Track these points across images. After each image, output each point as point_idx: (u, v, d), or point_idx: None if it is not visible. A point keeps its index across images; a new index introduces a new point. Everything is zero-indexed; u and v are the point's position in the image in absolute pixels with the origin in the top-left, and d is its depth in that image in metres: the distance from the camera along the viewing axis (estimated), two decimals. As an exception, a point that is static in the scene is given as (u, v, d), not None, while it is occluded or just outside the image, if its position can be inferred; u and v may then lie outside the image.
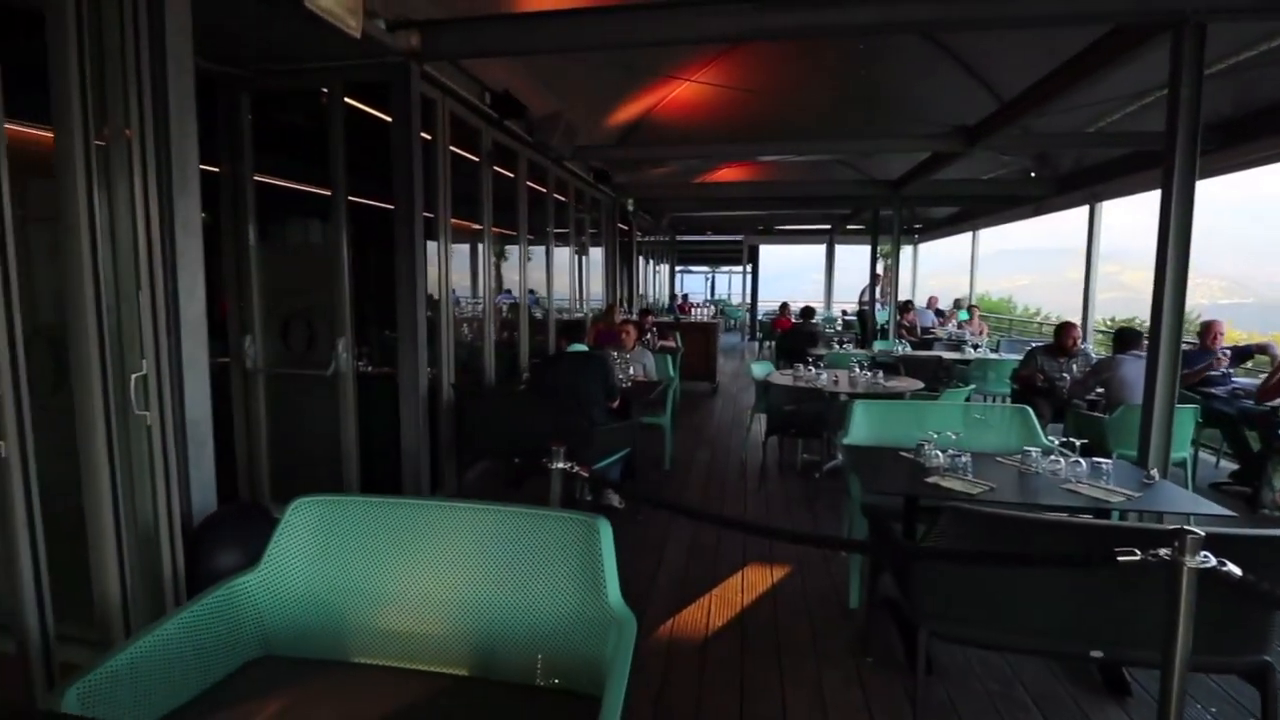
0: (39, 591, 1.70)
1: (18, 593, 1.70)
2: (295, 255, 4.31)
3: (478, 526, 1.82)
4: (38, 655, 1.72)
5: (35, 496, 1.67)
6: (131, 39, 1.91)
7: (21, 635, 1.72)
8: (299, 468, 3.96)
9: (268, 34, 3.33)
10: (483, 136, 4.81)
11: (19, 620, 1.70)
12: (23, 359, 1.64)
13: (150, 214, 1.94)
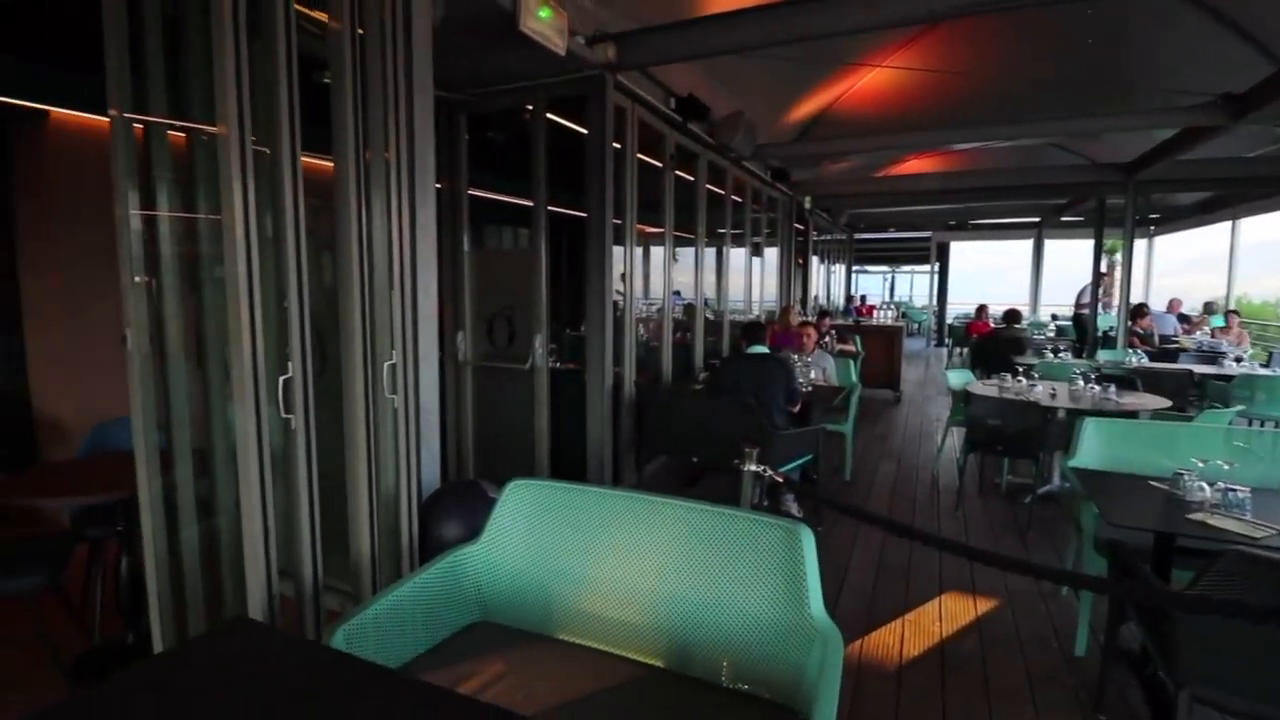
0: (313, 544, 2.02)
1: (297, 544, 2.03)
2: (499, 259, 4.72)
3: (677, 522, 1.85)
4: (310, 599, 2.04)
5: (314, 462, 1.98)
6: (391, 76, 2.21)
7: (299, 581, 2.05)
8: (498, 452, 4.34)
9: (483, 60, 3.68)
10: (666, 141, 4.92)
11: (298, 568, 2.03)
12: (310, 347, 1.95)
13: (400, 223, 2.22)
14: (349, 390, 2.14)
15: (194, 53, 2.31)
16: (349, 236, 2.11)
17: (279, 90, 1.91)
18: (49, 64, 3.85)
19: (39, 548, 2.53)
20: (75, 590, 2.94)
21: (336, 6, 2.11)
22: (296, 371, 1.94)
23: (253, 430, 1.84)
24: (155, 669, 1.40)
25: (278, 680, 1.27)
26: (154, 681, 1.28)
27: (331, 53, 2.13)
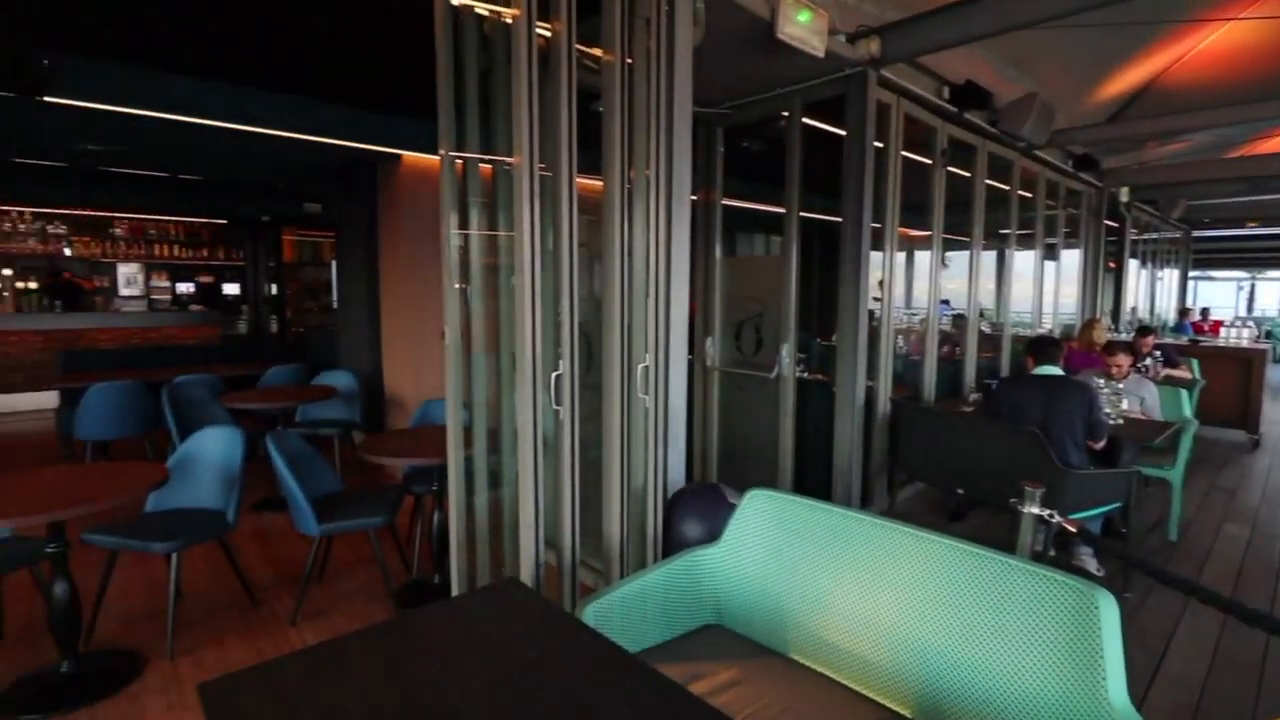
0: (573, 522, 2.25)
1: (560, 520, 2.27)
2: (749, 266, 4.75)
3: (936, 560, 1.66)
4: (568, 570, 2.28)
5: (577, 450, 2.21)
6: (655, 98, 2.37)
7: (559, 552, 2.30)
8: (739, 458, 4.37)
9: (738, 72, 3.75)
10: (937, 135, 4.48)
11: (559, 541, 2.27)
12: (578, 348, 2.19)
13: (657, 236, 2.37)
14: (607, 388, 2.34)
15: (498, 97, 2.76)
16: (612, 249, 2.31)
17: (560, 122, 2.17)
18: (405, 116, 4.91)
19: (383, 495, 3.24)
20: (402, 532, 3.70)
21: (609, 40, 2.33)
22: (566, 369, 2.18)
23: (530, 417, 2.12)
24: (447, 608, 1.69)
25: (533, 641, 1.44)
26: (445, 618, 1.54)
27: (605, 83, 2.36)
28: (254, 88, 4.22)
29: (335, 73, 4.03)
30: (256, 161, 5.96)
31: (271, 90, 4.28)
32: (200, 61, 3.85)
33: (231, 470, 3.03)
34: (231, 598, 3.18)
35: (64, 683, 2.47)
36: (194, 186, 8.12)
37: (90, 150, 5.43)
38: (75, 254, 9.59)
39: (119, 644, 2.78)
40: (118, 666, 2.61)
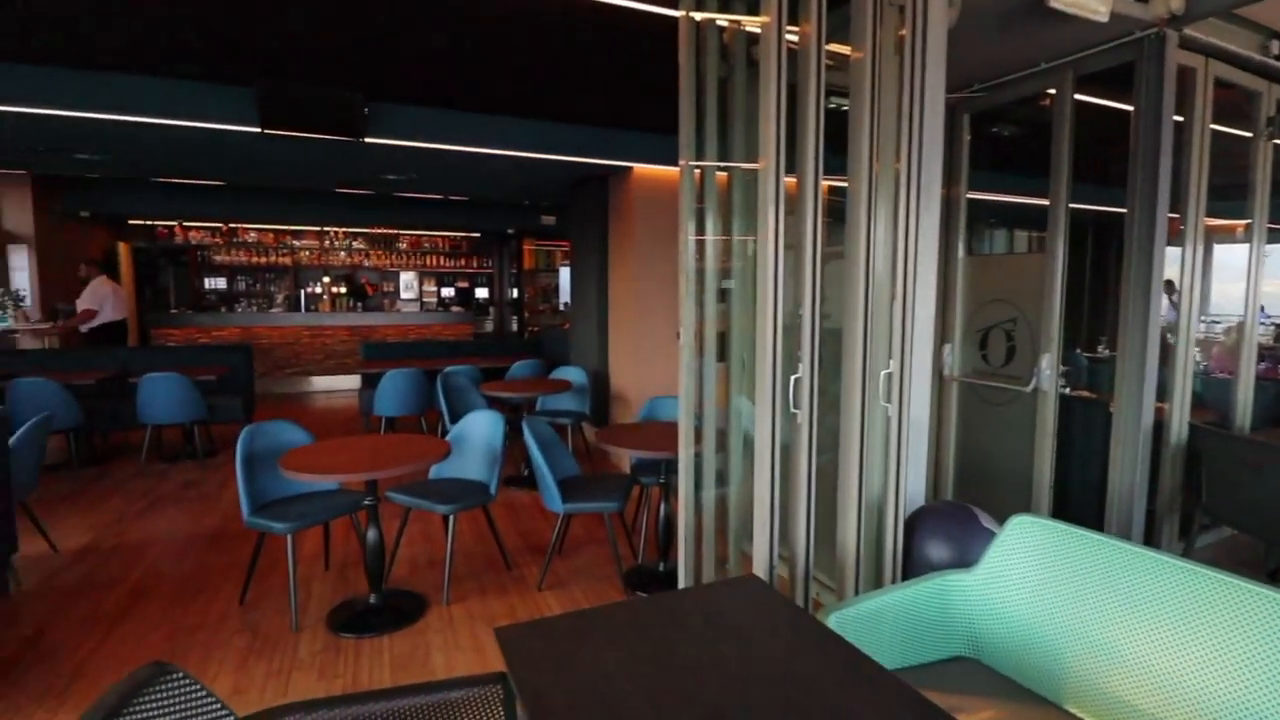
0: (807, 531, 2.22)
1: (794, 528, 2.25)
2: (999, 266, 4.27)
3: (1245, 612, 1.35)
4: (801, 580, 2.25)
5: (814, 456, 2.18)
6: (906, 89, 2.24)
7: (793, 561, 2.28)
8: (980, 477, 3.95)
9: (992, 51, 3.38)
10: (1260, 100, 3.62)
11: (793, 549, 2.25)
12: (818, 351, 2.16)
13: (904, 234, 2.24)
14: (846, 395, 2.27)
15: (736, 105, 2.81)
16: (857, 250, 2.23)
17: (808, 123, 2.16)
18: (636, 131, 5.22)
19: (616, 482, 3.49)
20: (629, 519, 3.95)
21: (860, 33, 2.25)
22: (805, 373, 2.16)
23: (768, 420, 2.13)
24: (696, 595, 1.77)
25: (776, 637, 1.45)
26: (696, 604, 1.62)
27: (853, 78, 2.28)
28: (514, 116, 4.81)
29: (578, 96, 4.43)
30: (509, 181, 6.78)
31: (528, 117, 4.85)
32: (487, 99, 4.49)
33: (494, 448, 3.49)
34: (489, 559, 3.66)
35: (371, 611, 3.05)
36: (457, 205, 9.49)
37: (390, 179, 6.62)
38: (371, 265, 11.75)
39: (407, 586, 3.34)
40: (408, 605, 3.14)
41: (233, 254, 10.87)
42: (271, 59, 3.76)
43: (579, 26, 3.26)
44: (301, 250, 11.26)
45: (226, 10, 3.09)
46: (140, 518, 4.37)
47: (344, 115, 4.30)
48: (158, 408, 5.42)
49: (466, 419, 3.67)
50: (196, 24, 3.25)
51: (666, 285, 5.49)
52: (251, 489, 3.09)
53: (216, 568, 3.58)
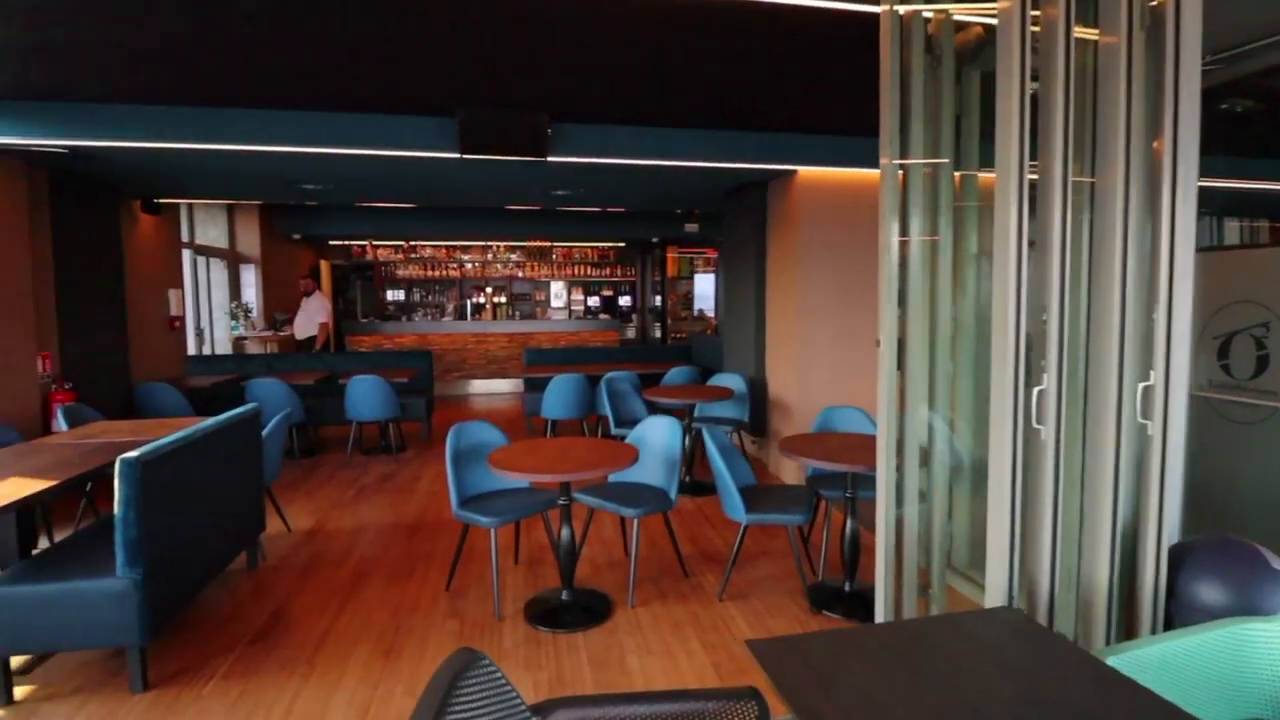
0: (1052, 560, 2.01)
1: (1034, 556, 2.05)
2: (1243, 262, 3.68)
3: None
4: (1043, 613, 2.04)
5: (1060, 477, 1.97)
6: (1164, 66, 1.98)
7: (1033, 594, 2.07)
8: (1220, 508, 3.40)
9: (1237, 16, 2.91)
10: None
11: (1033, 579, 2.06)
12: (1065, 362, 1.96)
13: (1162, 228, 1.97)
14: (1097, 410, 2.04)
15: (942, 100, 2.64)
16: (1112, 247, 2.00)
17: (1054, 112, 1.97)
18: (799, 133, 5.10)
19: (799, 494, 3.40)
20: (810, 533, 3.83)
21: (1111, 14, 2.02)
22: (1051, 384, 1.97)
23: (1008, 437, 1.96)
24: (948, 623, 1.66)
25: (1059, 678, 1.31)
26: (952, 633, 1.51)
27: (1103, 62, 2.06)
28: (685, 127, 4.89)
29: (750, 103, 4.40)
30: (667, 190, 6.90)
31: (697, 127, 4.90)
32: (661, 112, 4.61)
33: (673, 455, 3.53)
34: (664, 565, 3.71)
35: (564, 608, 3.19)
36: (609, 216, 9.83)
37: (558, 195, 6.98)
38: (526, 276, 12.47)
39: (592, 585, 3.47)
40: (596, 604, 3.26)
41: (411, 269, 12.02)
42: (469, 89, 4.10)
43: (757, 29, 3.23)
44: (468, 263, 12.21)
45: (430, 50, 3.41)
46: (351, 504, 4.91)
47: (531, 136, 4.58)
48: (362, 406, 6.09)
49: (644, 425, 3.75)
50: (407, 63, 3.61)
51: (832, 291, 5.30)
52: (459, 483, 3.35)
53: (420, 554, 3.93)
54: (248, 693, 2.57)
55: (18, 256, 4.64)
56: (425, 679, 2.63)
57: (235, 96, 4.16)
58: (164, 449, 2.72)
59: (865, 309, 5.36)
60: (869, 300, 5.43)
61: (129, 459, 2.52)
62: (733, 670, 2.69)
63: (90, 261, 5.44)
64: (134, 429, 3.88)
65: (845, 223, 5.29)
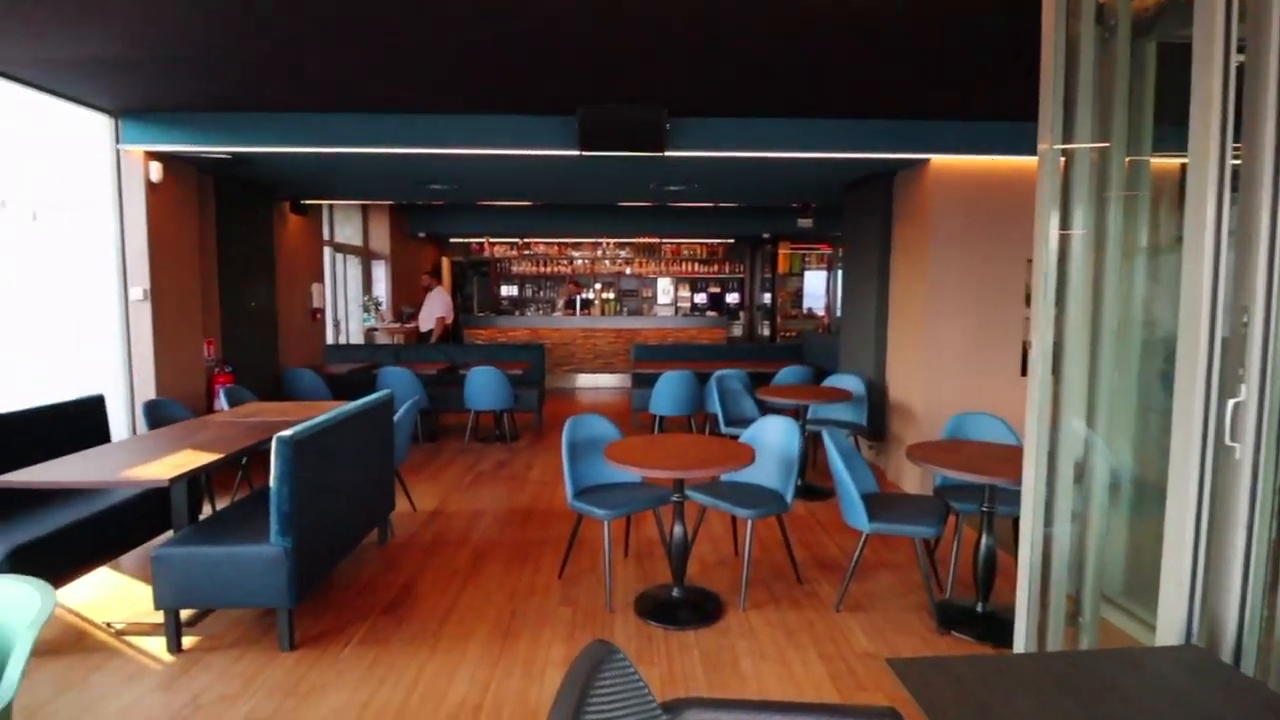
0: (1242, 596, 1.74)
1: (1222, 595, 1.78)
2: None
3: None
4: (1229, 654, 1.77)
5: (1259, 501, 1.70)
6: None
7: (1214, 632, 1.80)
8: None
9: None
10: None
11: (1217, 621, 1.79)
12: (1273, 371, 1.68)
13: None
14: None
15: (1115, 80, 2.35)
16: None
17: (1264, 89, 1.69)
18: (933, 119, 4.77)
19: (926, 505, 3.19)
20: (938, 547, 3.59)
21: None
22: (1251, 396, 1.70)
23: (1195, 453, 1.72)
24: (1110, 658, 1.47)
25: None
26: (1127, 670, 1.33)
27: None
28: (807, 117, 4.71)
29: (876, 90, 4.17)
30: (783, 183, 6.72)
31: (820, 117, 4.71)
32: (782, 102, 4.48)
33: (789, 457, 3.42)
34: (777, 569, 3.60)
35: (675, 605, 3.17)
36: (719, 211, 9.72)
37: (671, 190, 6.98)
38: (633, 272, 12.61)
39: (702, 583, 3.42)
40: (706, 603, 3.21)
41: (524, 265, 12.49)
42: (590, 87, 4.16)
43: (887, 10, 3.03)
44: (578, 260, 12.52)
45: (552, 50, 3.47)
46: (469, 489, 5.16)
47: (649, 132, 4.58)
48: (480, 396, 6.39)
49: (759, 425, 3.66)
50: (532, 65, 3.71)
51: (965, 290, 4.93)
52: (573, 474, 3.41)
53: (534, 540, 4.05)
54: (380, 660, 2.74)
55: (191, 252, 5.23)
56: (542, 662, 2.71)
57: (374, 103, 4.46)
58: (313, 429, 2.95)
59: (1002, 309, 4.95)
60: (1006, 300, 5.04)
61: (284, 438, 2.76)
62: (852, 685, 2.55)
63: (247, 257, 6.05)
64: (283, 410, 4.26)
65: (981, 215, 4.90)
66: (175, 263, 5.02)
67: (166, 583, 2.77)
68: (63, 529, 3.01)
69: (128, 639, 2.92)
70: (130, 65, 3.72)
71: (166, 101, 4.42)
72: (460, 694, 2.52)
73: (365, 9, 3.00)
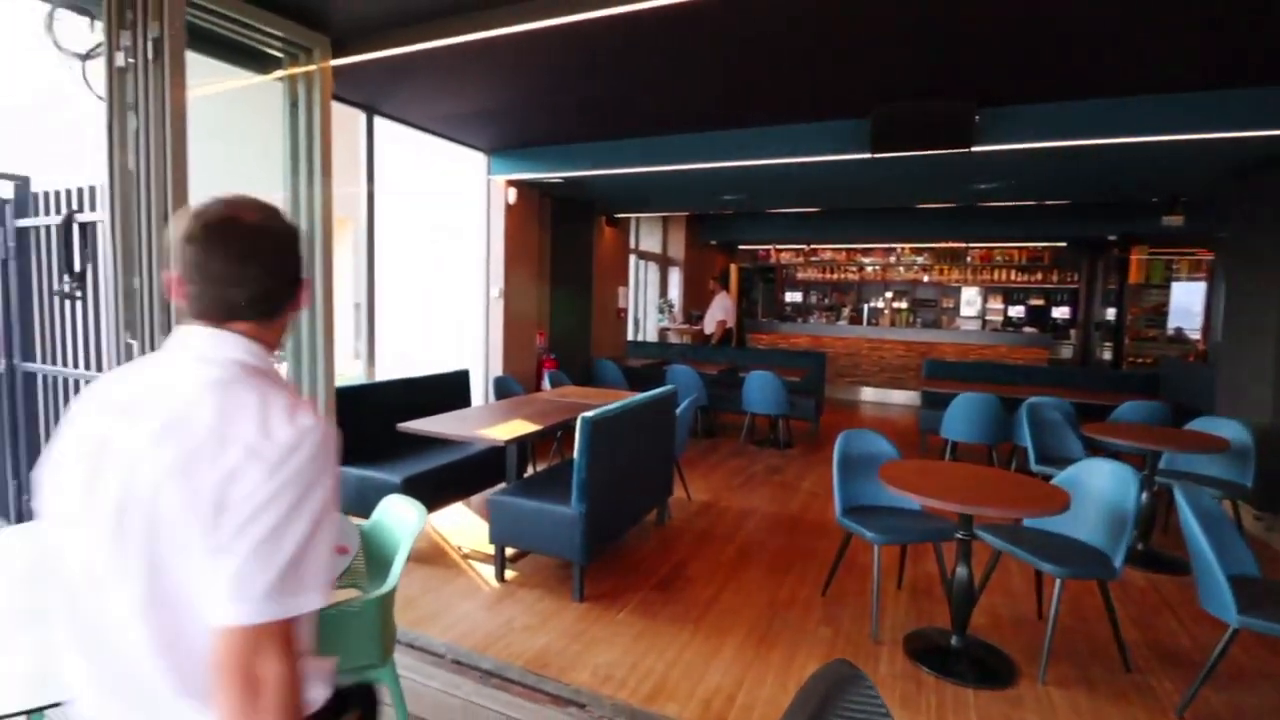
0: None
1: None
2: None
3: None
4: None
5: None
6: None
7: None
8: None
9: None
10: None
11: None
12: None
13: None
14: None
15: None
16: None
17: None
18: None
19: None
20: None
21: None
22: None
23: None
24: None
25: None
26: None
27: None
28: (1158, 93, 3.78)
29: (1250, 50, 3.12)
30: (1132, 175, 5.48)
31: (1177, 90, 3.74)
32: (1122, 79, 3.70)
33: (1122, 512, 2.79)
34: (1096, 647, 2.97)
35: (952, 653, 2.83)
36: (1044, 211, 8.31)
37: (980, 189, 6.22)
38: (930, 280, 11.51)
39: (989, 638, 2.99)
40: (993, 662, 2.80)
41: (810, 271, 12.32)
42: (884, 86, 3.93)
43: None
44: (867, 267, 11.90)
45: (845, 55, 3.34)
46: (740, 489, 5.29)
47: (953, 127, 4.16)
48: (757, 399, 6.51)
49: (1082, 466, 3.06)
50: (822, 73, 3.63)
51: None
52: (844, 490, 3.28)
53: (799, 551, 3.99)
54: (647, 631, 2.99)
55: (532, 260, 6.34)
56: (794, 675, 2.66)
57: (677, 125, 4.85)
58: (611, 413, 3.35)
59: None
60: None
61: (587, 418, 3.19)
62: (1196, 817, 1.99)
63: (571, 263, 7.08)
64: (588, 394, 4.89)
65: None
66: (521, 268, 6.17)
67: (497, 523, 3.43)
68: (438, 468, 3.94)
69: (470, 562, 3.69)
70: (495, 115, 4.71)
71: (520, 139, 5.44)
72: (715, 682, 2.62)
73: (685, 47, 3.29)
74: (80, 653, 0.96)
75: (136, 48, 2.56)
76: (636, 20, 2.94)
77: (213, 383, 0.94)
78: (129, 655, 0.91)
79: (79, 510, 0.93)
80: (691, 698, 2.52)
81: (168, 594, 0.89)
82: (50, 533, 0.98)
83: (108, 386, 1.01)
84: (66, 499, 0.95)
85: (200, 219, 0.96)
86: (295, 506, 0.87)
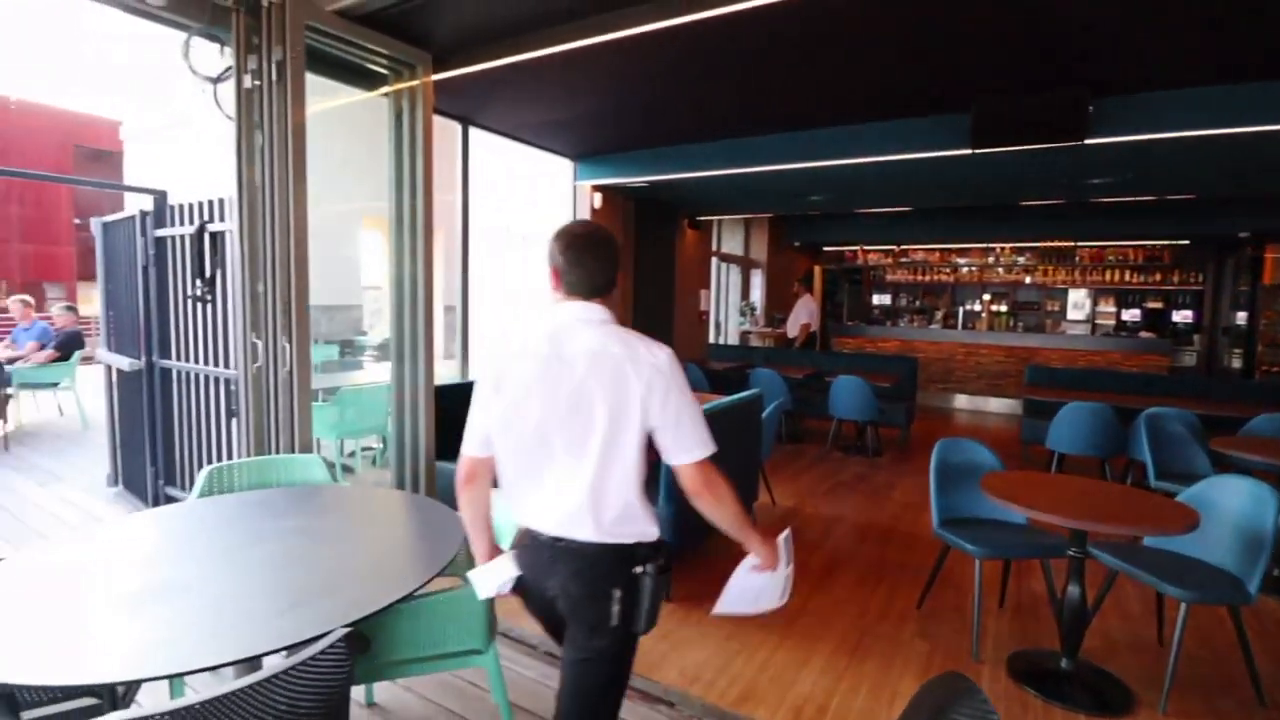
0: None
1: None
2: None
3: None
4: None
5: None
6: None
7: None
8: None
9: None
10: None
11: None
12: None
13: None
14: None
15: None
16: None
17: None
18: None
19: None
20: None
21: None
22: None
23: None
24: None
25: None
26: None
27: None
28: None
29: None
30: (1269, 165, 4.97)
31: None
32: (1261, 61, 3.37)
33: (1259, 533, 2.54)
34: (1229, 678, 2.72)
35: (1062, 677, 2.66)
36: (1161, 206, 7.66)
37: (1093, 184, 5.82)
38: (1033, 281, 10.83)
39: (1102, 663, 2.80)
40: (1106, 689, 2.62)
41: (899, 273, 11.88)
42: (985, 79, 3.75)
43: None
44: (963, 268, 11.36)
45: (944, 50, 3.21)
46: (826, 495, 5.17)
47: (1063, 119, 3.92)
48: (843, 405, 6.34)
49: (1210, 483, 2.81)
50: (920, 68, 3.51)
51: None
52: (942, 501, 3.15)
53: (891, 563, 3.86)
54: (737, 634, 2.99)
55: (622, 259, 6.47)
56: (890, 690, 2.59)
57: (763, 126, 4.82)
58: (696, 417, 3.37)
59: None
60: None
61: (675, 420, 3.22)
62: None
63: (654, 265, 7.15)
64: (673, 398, 4.92)
65: None
66: (605, 271, 6.32)
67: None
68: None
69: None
70: (581, 121, 4.85)
71: (606, 145, 5.56)
72: (805, 690, 2.59)
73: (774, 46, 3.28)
74: (513, 454, 1.58)
75: (262, 70, 2.81)
76: (724, 23, 2.95)
77: (602, 329, 1.53)
78: (551, 455, 1.54)
79: (534, 391, 1.51)
80: (781, 704, 2.50)
81: (605, 446, 1.50)
82: (503, 403, 1.55)
83: (525, 331, 1.58)
84: (520, 383, 1.53)
85: (572, 235, 1.56)
86: (684, 394, 1.51)
